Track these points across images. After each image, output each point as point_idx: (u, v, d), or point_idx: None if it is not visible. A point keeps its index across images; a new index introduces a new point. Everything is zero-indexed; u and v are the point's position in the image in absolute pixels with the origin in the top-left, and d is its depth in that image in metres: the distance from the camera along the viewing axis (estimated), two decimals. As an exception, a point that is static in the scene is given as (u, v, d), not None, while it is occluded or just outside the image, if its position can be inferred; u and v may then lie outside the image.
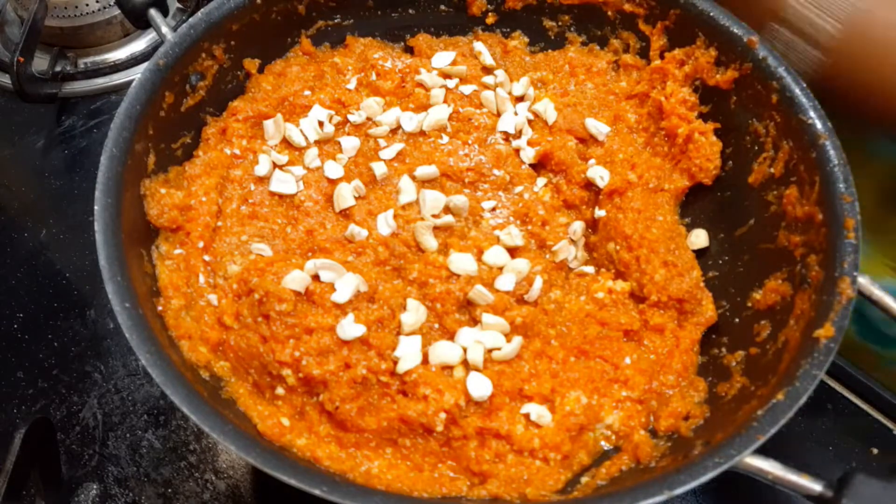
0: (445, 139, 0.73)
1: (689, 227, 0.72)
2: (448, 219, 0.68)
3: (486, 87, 0.77)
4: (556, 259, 0.69)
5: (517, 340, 0.61)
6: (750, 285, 0.65)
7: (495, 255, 0.66)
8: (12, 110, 0.99)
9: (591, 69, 0.79)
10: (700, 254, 0.70)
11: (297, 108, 0.74)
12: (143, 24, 0.75)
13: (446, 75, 0.77)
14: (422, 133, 0.74)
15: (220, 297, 0.62)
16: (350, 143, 0.72)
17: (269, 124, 0.72)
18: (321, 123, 0.73)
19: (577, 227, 0.71)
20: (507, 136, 0.74)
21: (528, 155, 0.73)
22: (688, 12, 0.71)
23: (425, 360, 0.60)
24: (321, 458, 0.56)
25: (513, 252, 0.68)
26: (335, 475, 0.55)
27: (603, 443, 0.60)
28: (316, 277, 0.61)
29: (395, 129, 0.74)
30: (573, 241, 0.71)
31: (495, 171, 0.72)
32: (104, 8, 1.02)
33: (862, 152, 0.65)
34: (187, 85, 0.69)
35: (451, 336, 0.62)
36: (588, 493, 0.56)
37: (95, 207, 0.57)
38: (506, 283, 0.64)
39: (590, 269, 0.69)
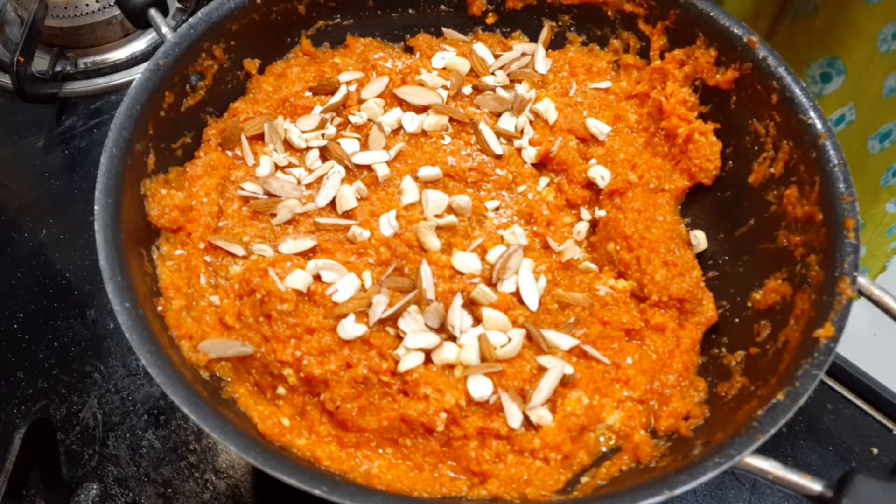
0: (447, 139, 0.73)
1: (689, 228, 0.72)
2: (451, 219, 0.68)
3: (487, 86, 0.77)
4: (563, 259, 0.69)
5: (519, 340, 0.61)
6: (750, 285, 0.65)
7: (499, 255, 0.66)
8: (12, 110, 0.99)
9: (591, 69, 0.79)
10: (700, 254, 0.70)
11: (297, 109, 0.73)
12: (143, 24, 0.75)
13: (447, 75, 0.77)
14: (423, 133, 0.74)
15: (221, 297, 0.62)
16: (351, 145, 0.72)
17: (270, 125, 0.72)
18: (322, 124, 0.73)
19: (582, 227, 0.71)
20: (508, 136, 0.74)
21: (530, 154, 0.73)
22: (688, 12, 0.71)
23: (426, 360, 0.60)
24: (321, 458, 0.56)
25: (516, 251, 0.68)
26: (335, 475, 0.55)
27: (602, 439, 0.60)
28: (317, 277, 0.61)
29: (397, 130, 0.74)
30: (578, 242, 0.71)
31: (498, 171, 0.72)
32: (104, 8, 1.02)
33: None
34: (187, 85, 0.69)
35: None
36: (588, 493, 0.56)
37: (95, 207, 0.57)
38: (509, 282, 0.64)
39: (593, 266, 0.69)
